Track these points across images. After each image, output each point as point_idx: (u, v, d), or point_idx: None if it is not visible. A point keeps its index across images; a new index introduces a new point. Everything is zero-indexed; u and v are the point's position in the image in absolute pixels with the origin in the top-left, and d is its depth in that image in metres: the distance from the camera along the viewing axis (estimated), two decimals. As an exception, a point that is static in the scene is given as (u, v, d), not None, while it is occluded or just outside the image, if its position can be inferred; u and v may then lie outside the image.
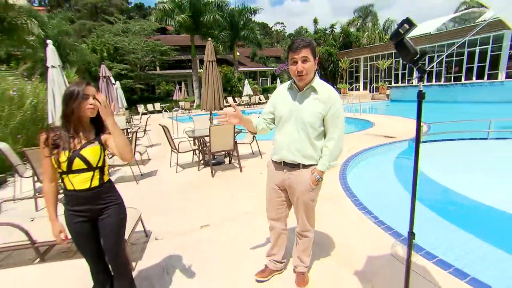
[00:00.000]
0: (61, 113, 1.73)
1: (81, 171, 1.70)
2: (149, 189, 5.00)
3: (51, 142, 1.67)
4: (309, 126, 2.01)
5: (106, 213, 1.82)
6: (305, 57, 1.90)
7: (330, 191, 4.25)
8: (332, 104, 1.99)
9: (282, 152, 2.10)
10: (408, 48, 1.30)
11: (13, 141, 6.14)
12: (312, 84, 2.01)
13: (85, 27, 29.72)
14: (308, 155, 2.05)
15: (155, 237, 3.26)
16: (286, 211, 2.33)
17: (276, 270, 2.45)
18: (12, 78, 7.52)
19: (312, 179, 2.05)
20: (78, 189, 1.71)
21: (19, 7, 11.59)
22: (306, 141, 2.03)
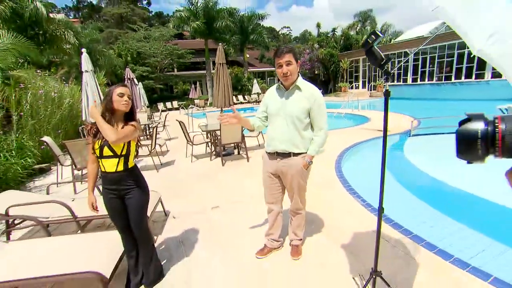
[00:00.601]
0: (103, 108, 1.96)
1: (109, 157, 1.94)
2: (168, 176, 5.23)
3: (93, 132, 1.94)
4: (296, 119, 2.14)
5: (131, 194, 2.04)
6: (289, 61, 2.05)
7: (326, 179, 4.38)
8: (315, 99, 2.13)
9: (275, 143, 2.23)
10: (375, 55, 1.43)
11: (54, 135, 6.48)
12: (297, 83, 2.15)
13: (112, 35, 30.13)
14: (297, 144, 2.19)
15: (173, 216, 3.49)
16: (281, 195, 2.46)
17: (273, 247, 2.59)
18: (53, 82, 7.86)
19: (304, 163, 2.19)
20: (107, 171, 1.96)
21: (58, 20, 11.97)
22: (294, 132, 2.16)
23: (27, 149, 5.37)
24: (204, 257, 2.59)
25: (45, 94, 6.69)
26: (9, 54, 6.71)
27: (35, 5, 10.38)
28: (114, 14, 37.37)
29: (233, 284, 2.23)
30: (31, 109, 6.22)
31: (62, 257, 2.17)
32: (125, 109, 1.96)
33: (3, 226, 3.25)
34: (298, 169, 2.21)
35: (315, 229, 2.95)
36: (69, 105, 7.50)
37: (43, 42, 11.41)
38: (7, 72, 6.40)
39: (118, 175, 1.98)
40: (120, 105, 1.93)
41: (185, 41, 31.02)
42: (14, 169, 4.69)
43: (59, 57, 13.00)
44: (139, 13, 41.09)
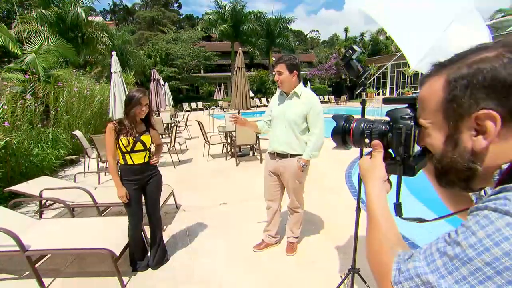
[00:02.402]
0: (125, 109, 2.29)
1: (139, 151, 2.31)
2: (184, 172, 5.59)
3: (117, 130, 2.25)
4: (294, 123, 2.33)
5: (151, 180, 2.45)
6: (279, 71, 2.30)
7: (335, 184, 4.49)
8: (312, 106, 2.31)
9: (274, 144, 2.46)
10: (353, 67, 1.60)
11: (85, 130, 7.16)
12: (295, 90, 2.36)
13: (143, 37, 31.94)
14: (294, 146, 2.38)
15: (183, 209, 3.79)
16: (280, 193, 2.66)
17: (270, 243, 2.78)
18: (86, 80, 8.65)
19: (298, 166, 2.37)
20: (136, 163, 2.32)
21: (95, 23, 13.11)
22: (292, 135, 2.36)
23: (60, 141, 6.02)
24: (206, 247, 2.85)
25: (79, 92, 7.41)
26: (51, 55, 7.53)
27: (76, 10, 11.46)
28: (146, 17, 39.58)
29: (230, 271, 2.46)
30: (66, 105, 6.93)
31: (82, 235, 2.53)
32: (141, 116, 2.33)
33: (37, 207, 3.75)
34: (294, 171, 2.40)
35: (315, 229, 3.10)
36: (99, 103, 8.21)
37: (81, 44, 12.54)
38: (49, 71, 7.20)
39: (145, 165, 2.36)
40: (141, 114, 2.31)
41: (212, 44, 32.06)
42: (49, 159, 5.29)
43: (94, 57, 14.15)
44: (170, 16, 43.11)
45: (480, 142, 0.46)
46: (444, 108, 0.49)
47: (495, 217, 0.37)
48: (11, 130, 4.69)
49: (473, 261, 0.36)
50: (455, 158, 0.49)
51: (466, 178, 0.51)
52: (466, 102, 0.46)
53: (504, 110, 0.43)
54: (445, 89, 0.49)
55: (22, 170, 4.63)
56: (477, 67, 0.45)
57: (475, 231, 0.38)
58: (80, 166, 6.04)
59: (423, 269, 0.42)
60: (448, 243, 0.40)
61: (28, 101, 5.62)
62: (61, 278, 2.43)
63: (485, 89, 0.44)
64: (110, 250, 2.22)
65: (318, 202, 3.77)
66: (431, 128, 0.54)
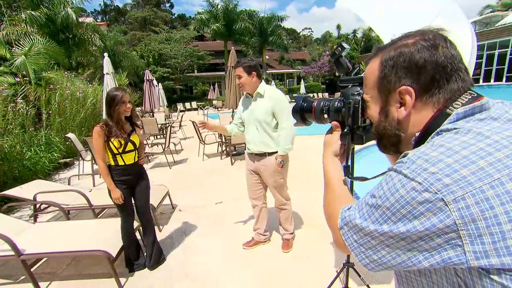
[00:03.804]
0: (107, 111, 2.23)
1: (130, 151, 2.33)
2: (179, 173, 5.59)
3: (106, 133, 2.21)
4: (264, 122, 2.37)
5: (141, 179, 2.48)
6: (238, 74, 2.32)
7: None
8: (275, 101, 2.33)
9: (251, 146, 2.48)
10: (343, 64, 1.63)
11: (79, 132, 7.09)
12: (258, 90, 2.38)
13: (135, 37, 31.63)
14: (270, 144, 2.41)
15: (179, 209, 3.80)
16: (263, 190, 2.68)
17: (260, 241, 2.81)
18: (79, 82, 8.56)
19: (276, 162, 2.40)
20: (127, 164, 2.32)
21: (86, 25, 12.94)
22: (264, 134, 2.40)
23: (54, 144, 5.96)
24: (203, 246, 2.87)
25: (71, 94, 7.33)
26: (41, 58, 7.43)
27: (66, 11, 11.30)
28: (138, 17, 39.19)
29: (226, 269, 2.48)
30: (59, 108, 6.86)
31: (78, 237, 2.52)
32: (127, 114, 2.28)
33: (31, 211, 3.72)
34: (273, 169, 2.43)
35: (310, 225, 3.14)
36: (92, 104, 8.13)
37: (72, 45, 12.37)
38: (40, 74, 7.10)
39: (135, 165, 2.39)
40: (127, 112, 2.26)
41: (205, 43, 31.93)
42: (42, 162, 5.24)
43: (86, 59, 13.98)
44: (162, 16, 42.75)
45: (402, 112, 0.57)
46: (378, 85, 0.59)
47: (394, 176, 0.49)
48: (3, 134, 4.64)
49: (380, 207, 0.49)
50: (386, 126, 0.60)
51: (394, 143, 0.61)
52: (392, 79, 0.56)
53: (417, 86, 0.54)
54: (379, 68, 0.59)
55: (15, 175, 4.58)
56: (400, 51, 0.55)
57: (383, 186, 0.50)
58: (74, 169, 5.99)
59: (354, 215, 0.55)
60: (371, 196, 0.53)
61: (19, 105, 5.55)
62: (57, 281, 2.43)
63: (405, 69, 0.54)
64: (107, 251, 2.22)
65: (312, 198, 3.81)
66: (370, 102, 0.64)
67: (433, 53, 0.53)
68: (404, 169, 0.47)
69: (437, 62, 0.52)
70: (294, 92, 27.81)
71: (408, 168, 0.47)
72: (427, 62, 0.52)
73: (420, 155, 0.47)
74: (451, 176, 0.42)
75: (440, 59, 0.52)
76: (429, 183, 0.43)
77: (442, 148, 0.46)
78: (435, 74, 0.53)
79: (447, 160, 0.44)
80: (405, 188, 0.45)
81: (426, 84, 0.53)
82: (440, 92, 0.53)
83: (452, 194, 0.42)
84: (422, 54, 0.53)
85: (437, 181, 0.43)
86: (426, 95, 0.54)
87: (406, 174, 0.46)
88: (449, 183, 0.42)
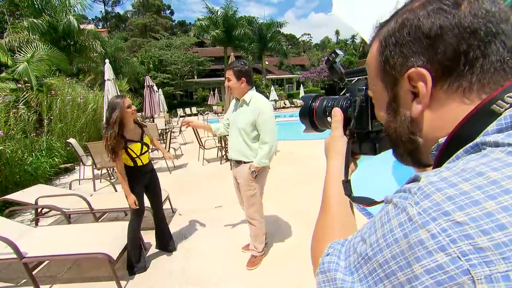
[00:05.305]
0: (111, 120, 2.24)
1: (145, 153, 2.54)
2: (179, 177, 5.62)
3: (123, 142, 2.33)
4: (243, 131, 2.29)
5: (154, 177, 2.70)
6: (228, 77, 2.27)
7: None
8: (259, 113, 2.22)
9: (230, 151, 2.46)
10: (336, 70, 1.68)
11: (79, 138, 7.14)
12: (244, 97, 2.29)
13: (136, 43, 31.95)
14: (246, 154, 2.34)
15: (179, 213, 3.83)
16: None
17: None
18: (80, 88, 8.64)
19: (248, 171, 2.32)
20: (144, 164, 2.53)
21: (88, 31, 13.13)
22: (243, 143, 2.32)
23: (55, 149, 6.01)
24: (202, 249, 2.89)
25: (72, 100, 7.41)
26: (44, 64, 7.53)
27: (68, 18, 11.46)
28: (138, 24, 39.66)
29: (225, 272, 2.50)
30: (60, 114, 6.93)
31: (79, 241, 2.55)
32: (135, 117, 2.45)
33: (32, 215, 3.75)
34: (245, 178, 2.36)
35: (310, 228, 3.15)
36: (93, 110, 8.20)
37: (73, 52, 12.52)
38: (41, 80, 7.19)
39: (150, 163, 2.63)
40: (132, 116, 2.40)
41: (205, 49, 32.22)
42: (43, 168, 5.28)
43: (87, 65, 14.12)
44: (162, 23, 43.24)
45: (416, 107, 0.39)
46: (381, 73, 0.43)
47: (393, 215, 0.31)
48: (5, 139, 4.69)
49: (371, 260, 0.32)
50: (397, 129, 0.43)
51: (411, 151, 0.43)
52: (397, 62, 0.39)
53: (434, 66, 0.36)
54: (379, 50, 0.42)
55: (16, 179, 4.62)
56: (402, 20, 0.39)
57: (376, 229, 0.33)
58: (75, 174, 6.03)
59: (337, 264, 0.39)
60: (361, 238, 0.36)
61: (21, 110, 5.62)
62: (58, 284, 2.45)
63: (412, 44, 0.37)
64: (107, 254, 2.25)
65: (314, 201, 3.84)
66: (375, 98, 0.47)
67: (453, 13, 0.35)
68: (411, 205, 0.30)
69: (461, 26, 0.34)
70: (294, 97, 27.97)
71: (417, 204, 0.29)
72: (444, 28, 0.35)
73: (439, 185, 0.29)
74: (492, 234, 0.24)
75: (466, 20, 0.34)
76: (450, 239, 0.26)
77: (483, 180, 0.27)
78: (459, 45, 0.34)
79: (489, 205, 0.26)
80: (408, 240, 0.28)
81: (448, 62, 0.35)
82: (473, 72, 0.35)
83: (488, 266, 0.24)
84: (435, 18, 0.35)
85: (465, 239, 0.25)
86: (450, 79, 0.36)
87: (412, 216, 0.29)
88: (486, 246, 0.24)
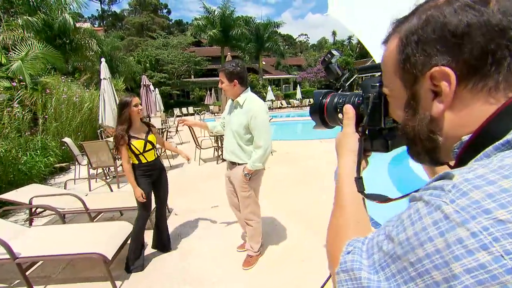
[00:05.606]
0: (122, 116, 2.43)
1: (149, 150, 2.59)
2: (176, 177, 5.60)
3: (126, 138, 2.42)
4: (236, 133, 2.27)
5: (162, 174, 2.76)
6: (220, 79, 2.25)
7: (326, 185, 4.57)
8: (252, 117, 2.18)
9: (224, 152, 2.46)
10: (332, 71, 1.69)
11: (75, 137, 7.08)
12: (238, 99, 2.26)
13: (132, 43, 31.76)
14: (240, 156, 2.33)
15: (175, 213, 3.82)
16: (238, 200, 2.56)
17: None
18: (75, 87, 8.56)
19: (241, 174, 2.32)
20: (149, 161, 2.59)
21: (84, 30, 13.02)
22: (236, 145, 2.31)
23: (50, 149, 5.95)
24: (199, 249, 2.89)
25: (68, 99, 7.34)
26: (38, 62, 7.45)
27: (64, 16, 11.35)
28: (135, 23, 39.42)
29: (223, 271, 2.50)
30: (55, 113, 6.85)
31: (74, 241, 2.52)
32: (141, 115, 2.55)
33: (26, 215, 3.70)
34: (239, 180, 2.35)
35: (310, 228, 3.17)
36: (89, 109, 8.13)
37: (69, 50, 12.40)
38: (36, 79, 7.11)
39: (156, 160, 2.68)
40: (138, 114, 2.51)
41: (202, 48, 32.12)
42: (38, 167, 5.22)
43: (83, 64, 14.00)
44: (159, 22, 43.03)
45: (437, 106, 0.39)
46: (399, 71, 0.43)
47: (425, 213, 0.31)
48: (-1, 138, 4.63)
49: (400, 259, 0.32)
50: (416, 127, 0.43)
51: (429, 150, 0.44)
52: (418, 60, 0.39)
53: (459, 65, 0.36)
54: (398, 48, 0.42)
55: (10, 179, 4.56)
56: (426, 16, 0.38)
57: (406, 227, 0.33)
58: (70, 173, 5.98)
59: (360, 262, 0.38)
60: (386, 237, 0.36)
61: (15, 109, 5.55)
62: (52, 285, 2.42)
63: (437, 42, 0.37)
64: (102, 254, 2.23)
65: (310, 202, 3.86)
66: (391, 96, 0.48)
67: (481, 11, 0.34)
68: (446, 203, 0.29)
69: (489, 24, 0.34)
70: (291, 97, 28.01)
71: (453, 202, 0.29)
72: (472, 26, 0.34)
73: (477, 183, 0.29)
74: None
75: (495, 18, 0.34)
76: (492, 238, 0.26)
77: None
78: (487, 44, 0.34)
79: None
80: (445, 238, 0.28)
81: (474, 62, 0.35)
82: (500, 72, 0.34)
83: None
84: (462, 15, 0.35)
85: (509, 237, 0.25)
86: (475, 79, 0.36)
87: (448, 214, 0.29)
88: None
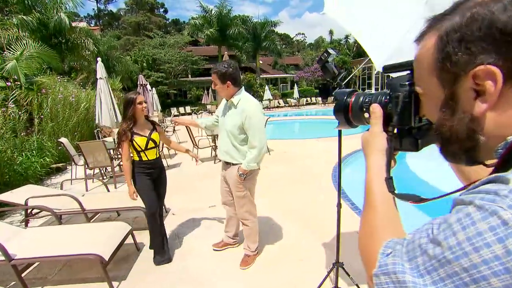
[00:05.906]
0: (128, 113, 2.46)
1: (152, 148, 2.60)
2: (173, 177, 5.54)
3: (129, 134, 2.45)
4: (230, 134, 2.28)
5: (162, 172, 2.78)
6: (213, 81, 2.26)
7: (324, 185, 4.59)
8: (246, 117, 2.19)
9: (219, 152, 2.47)
10: (329, 70, 1.69)
11: (71, 137, 7.02)
12: (232, 100, 2.27)
13: (129, 42, 31.54)
14: (234, 156, 2.33)
15: (172, 212, 3.80)
16: (232, 199, 2.58)
17: (229, 243, 2.81)
18: (72, 87, 8.50)
19: (236, 174, 2.33)
20: (150, 159, 2.59)
21: (80, 29, 12.91)
22: (230, 145, 2.32)
23: (46, 149, 5.89)
24: (197, 248, 2.88)
25: (64, 99, 7.28)
26: (34, 62, 7.38)
27: (59, 15, 11.25)
28: (132, 22, 39.17)
29: (221, 270, 2.50)
30: (51, 113, 6.79)
31: (70, 242, 2.51)
32: (145, 113, 2.56)
33: (22, 216, 3.67)
34: (234, 180, 2.36)
35: (307, 227, 3.17)
36: (85, 109, 8.08)
37: (65, 50, 12.30)
38: (31, 78, 7.04)
39: (157, 159, 2.68)
40: (142, 112, 2.52)
41: (199, 48, 31.99)
42: (34, 167, 5.17)
43: (79, 63, 13.89)
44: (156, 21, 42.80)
45: (480, 106, 0.38)
46: (438, 70, 0.41)
47: (478, 218, 0.30)
48: (-7, 139, 4.58)
49: (451, 264, 0.31)
50: (454, 127, 0.41)
51: (468, 149, 0.42)
52: (461, 59, 0.38)
53: (506, 64, 0.35)
54: (437, 46, 0.40)
55: (5, 180, 4.52)
56: (471, 14, 0.37)
57: (456, 231, 0.32)
58: (67, 174, 5.93)
59: (402, 266, 0.37)
60: (430, 240, 0.35)
61: (10, 109, 5.50)
62: (49, 286, 2.41)
63: (483, 41, 0.36)
64: (99, 255, 2.22)
65: (307, 201, 3.86)
66: (425, 96, 0.47)
67: None
68: (503, 209, 0.29)
69: None
70: (288, 97, 28.02)
71: (511, 207, 0.29)
72: None
73: None
74: None
75: None
76: None
77: None
78: None
79: None
80: (505, 244, 0.27)
81: None
82: None
83: None
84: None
85: None
86: None
87: (507, 220, 0.28)
88: None
